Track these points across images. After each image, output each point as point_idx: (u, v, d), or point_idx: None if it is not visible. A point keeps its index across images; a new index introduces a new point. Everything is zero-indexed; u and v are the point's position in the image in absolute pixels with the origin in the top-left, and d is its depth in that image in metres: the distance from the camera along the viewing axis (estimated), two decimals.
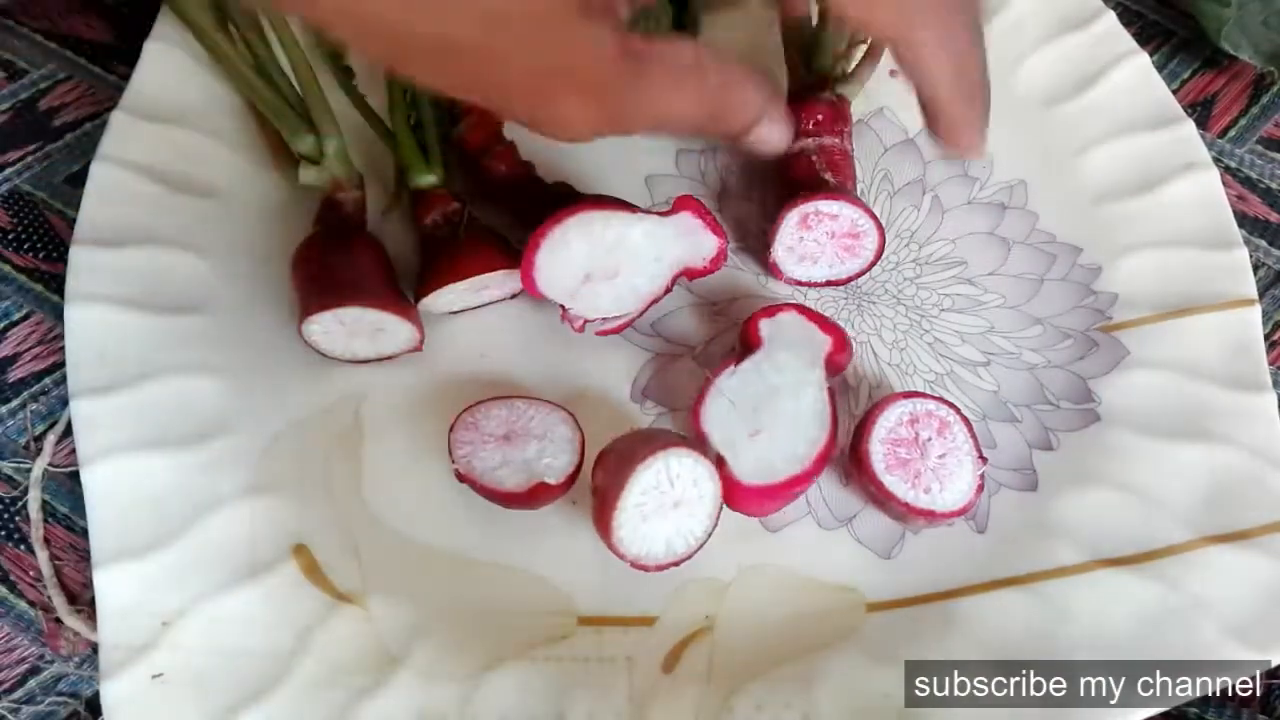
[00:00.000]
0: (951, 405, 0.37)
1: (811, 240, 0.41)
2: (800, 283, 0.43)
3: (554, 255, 0.37)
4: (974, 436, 0.37)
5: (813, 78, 0.43)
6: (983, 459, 0.36)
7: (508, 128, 0.44)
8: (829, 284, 0.43)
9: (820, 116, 0.42)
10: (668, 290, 0.40)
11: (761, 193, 0.45)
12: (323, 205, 0.41)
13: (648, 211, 0.38)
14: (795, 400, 0.36)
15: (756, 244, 0.44)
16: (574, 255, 0.38)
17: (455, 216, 0.41)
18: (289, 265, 0.40)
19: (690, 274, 0.40)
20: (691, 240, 0.39)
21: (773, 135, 0.36)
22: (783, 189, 0.43)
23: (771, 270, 0.42)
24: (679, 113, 0.34)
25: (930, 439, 0.36)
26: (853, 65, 0.44)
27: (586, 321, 0.39)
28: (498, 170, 0.42)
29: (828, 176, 0.41)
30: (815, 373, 0.37)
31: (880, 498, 0.36)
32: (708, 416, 0.36)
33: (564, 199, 0.41)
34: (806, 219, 0.41)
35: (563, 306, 0.39)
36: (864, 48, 0.44)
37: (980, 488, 0.36)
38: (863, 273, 0.42)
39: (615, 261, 0.38)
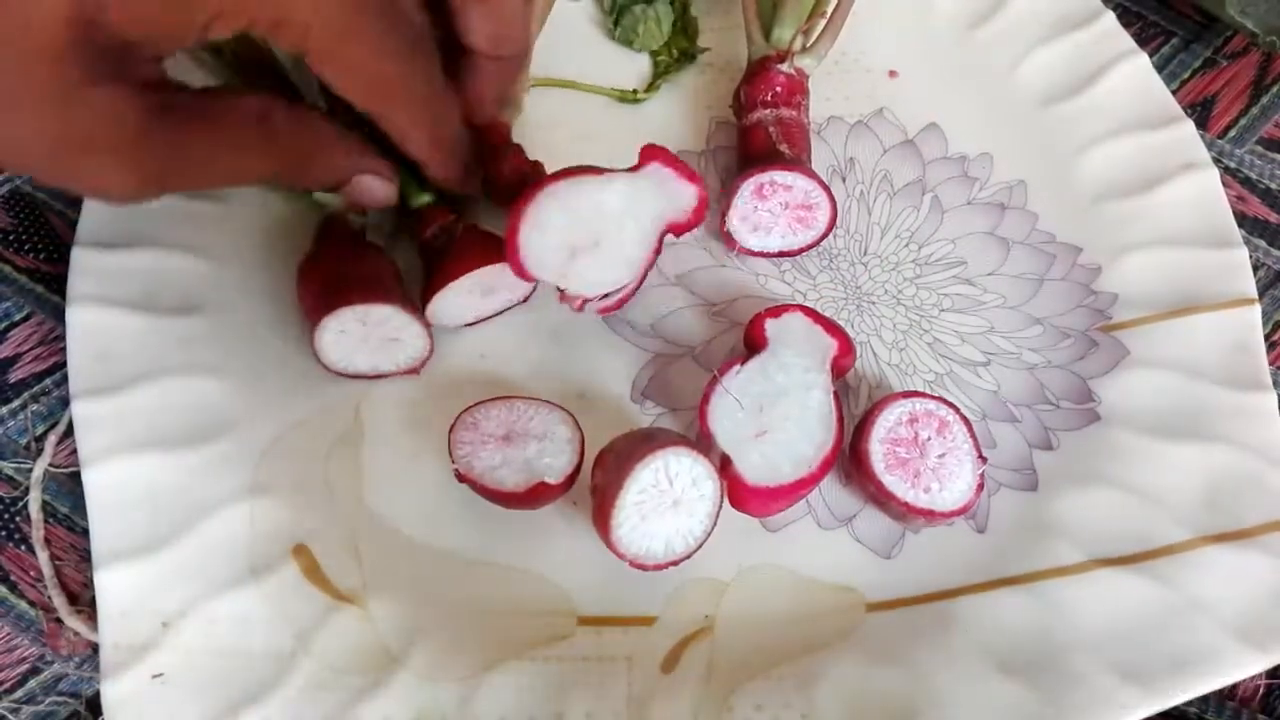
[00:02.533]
0: (951, 405, 0.37)
1: (765, 210, 0.42)
2: (753, 253, 0.43)
3: (532, 234, 0.37)
4: (973, 436, 0.37)
5: (771, 50, 0.44)
6: (982, 458, 0.36)
7: (516, 130, 0.44)
8: (781, 254, 0.43)
9: (778, 89, 0.43)
10: (658, 251, 0.39)
11: None
12: (327, 223, 0.41)
13: (616, 171, 0.37)
14: (802, 402, 0.36)
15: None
16: (552, 230, 0.37)
17: (452, 227, 0.40)
18: (292, 278, 0.40)
19: (675, 229, 0.39)
20: (667, 192, 0.38)
21: (373, 190, 0.38)
22: (739, 160, 0.43)
23: (725, 240, 0.42)
24: (241, 168, 0.34)
25: (930, 438, 0.36)
26: (812, 39, 0.44)
27: (586, 300, 0.39)
28: (505, 172, 0.42)
29: (783, 148, 0.42)
30: (822, 375, 0.37)
31: (880, 497, 0.36)
32: (714, 415, 0.36)
33: None
34: (762, 189, 0.41)
35: (559, 289, 0.38)
36: (824, 22, 0.44)
37: (980, 487, 0.36)
38: (814, 244, 0.43)
39: (595, 229, 0.37)
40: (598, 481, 0.35)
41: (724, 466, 0.35)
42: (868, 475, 0.36)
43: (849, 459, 0.38)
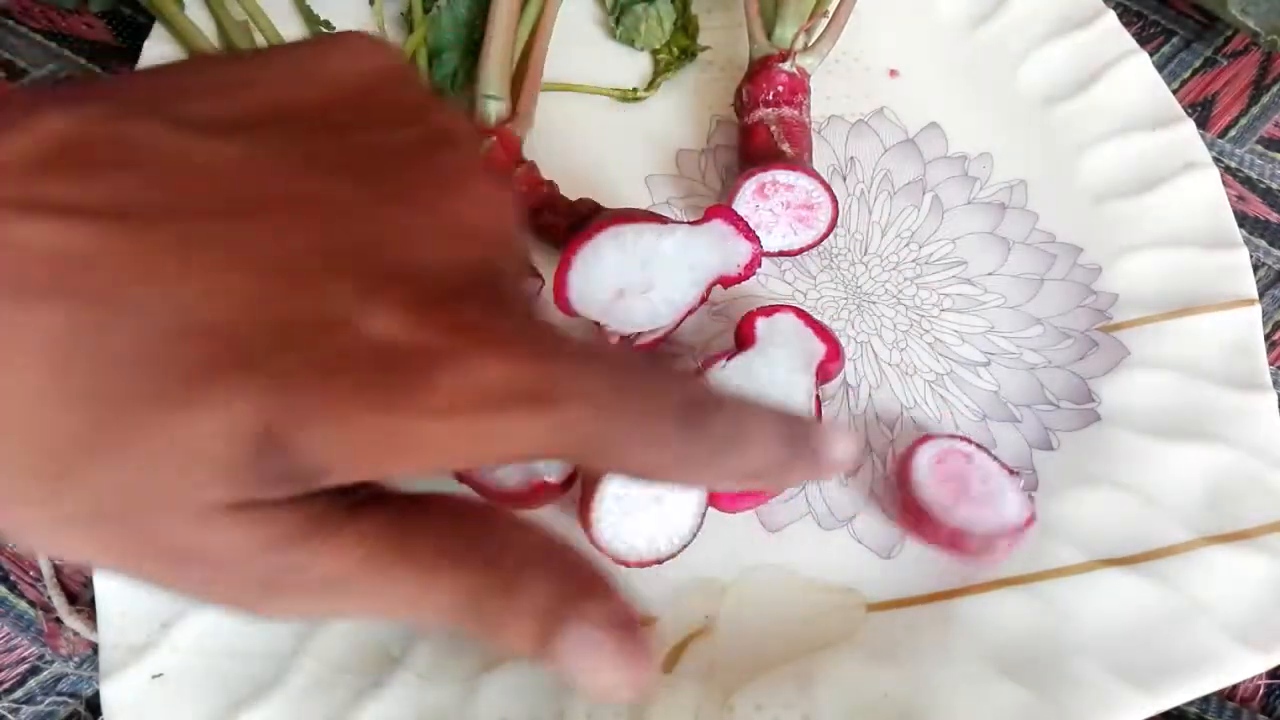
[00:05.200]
0: (963, 438, 0.37)
1: (767, 210, 0.42)
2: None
3: (586, 273, 0.37)
4: (993, 456, 0.37)
5: (774, 49, 0.44)
6: (1014, 473, 0.36)
7: (527, 147, 0.44)
8: (782, 254, 0.43)
9: (780, 88, 0.43)
10: (703, 300, 0.39)
11: None
12: None
13: (679, 222, 0.38)
14: (784, 403, 0.36)
15: None
16: (606, 271, 0.37)
17: None
18: None
19: (725, 282, 0.39)
20: (725, 248, 0.39)
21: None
22: (740, 159, 0.43)
23: None
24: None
25: (964, 470, 0.36)
26: (814, 38, 0.44)
27: (622, 337, 0.39)
28: (519, 191, 0.42)
29: (785, 147, 0.42)
30: (806, 378, 0.37)
31: (958, 537, 0.35)
32: None
33: (589, 216, 0.40)
34: (763, 188, 0.41)
35: (597, 324, 0.38)
36: (826, 21, 0.44)
37: (1030, 496, 0.36)
38: (815, 244, 0.43)
39: (648, 275, 0.38)
40: (582, 476, 0.35)
41: None
42: (935, 522, 0.35)
43: (902, 517, 0.37)
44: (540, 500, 0.35)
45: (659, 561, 0.34)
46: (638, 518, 0.34)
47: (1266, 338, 0.41)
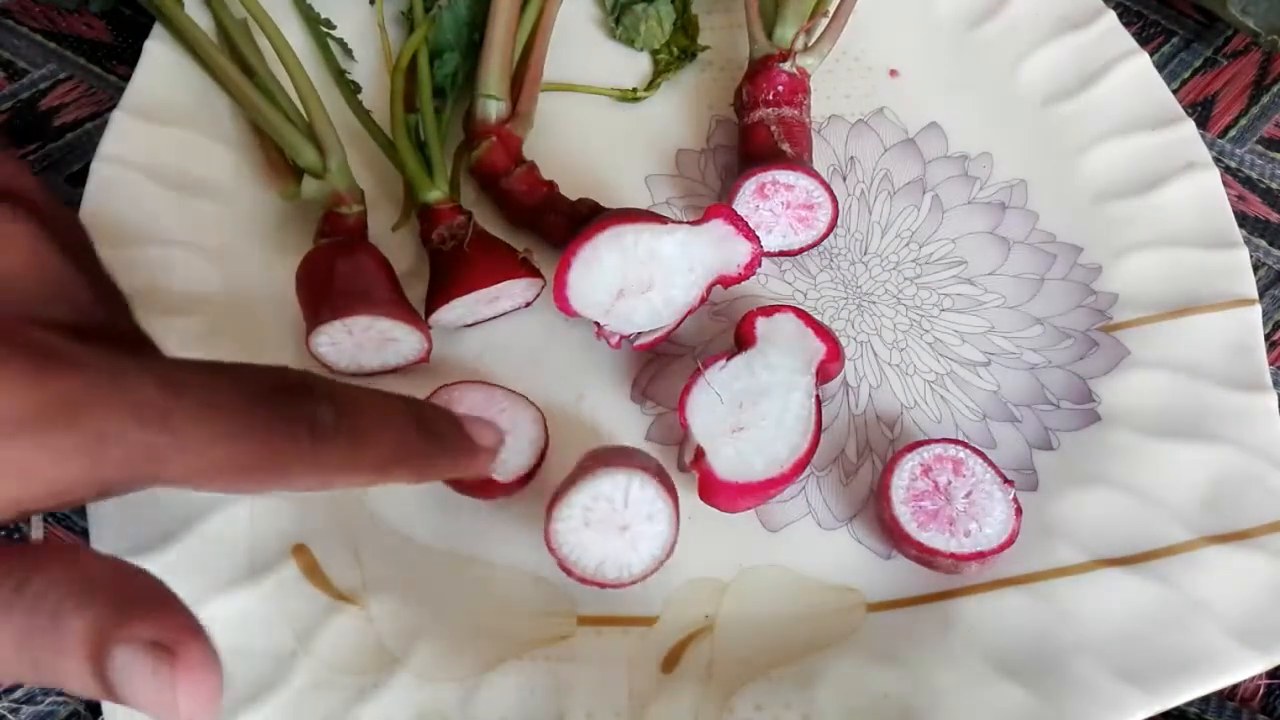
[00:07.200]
0: (958, 441, 0.37)
1: (767, 210, 0.42)
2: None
3: (586, 273, 0.37)
4: (991, 464, 0.36)
5: (774, 49, 0.44)
6: (1009, 482, 0.36)
7: (527, 147, 0.44)
8: (782, 254, 0.43)
9: (780, 88, 0.43)
10: (703, 300, 0.39)
11: None
12: (324, 219, 0.41)
13: (679, 222, 0.38)
14: (783, 402, 0.36)
15: None
16: (606, 271, 0.37)
17: (461, 230, 0.40)
18: (293, 277, 0.40)
19: (725, 282, 0.39)
20: (725, 248, 0.38)
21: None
22: (740, 159, 0.43)
23: None
24: None
25: (950, 481, 0.36)
26: (814, 38, 0.44)
27: (623, 337, 0.39)
28: (519, 191, 0.42)
29: (785, 147, 0.42)
30: (806, 378, 0.37)
31: (926, 556, 0.36)
32: (693, 407, 0.36)
33: (589, 216, 0.40)
34: (763, 188, 0.41)
35: (597, 324, 0.38)
36: (826, 21, 0.44)
37: (1018, 511, 0.36)
38: (815, 244, 0.43)
39: (648, 275, 0.38)
40: (571, 473, 0.35)
41: (697, 458, 0.35)
42: (906, 540, 0.35)
43: (881, 529, 0.37)
44: (492, 493, 0.36)
45: (600, 585, 0.34)
46: (595, 535, 0.33)
47: (1266, 338, 0.41)
